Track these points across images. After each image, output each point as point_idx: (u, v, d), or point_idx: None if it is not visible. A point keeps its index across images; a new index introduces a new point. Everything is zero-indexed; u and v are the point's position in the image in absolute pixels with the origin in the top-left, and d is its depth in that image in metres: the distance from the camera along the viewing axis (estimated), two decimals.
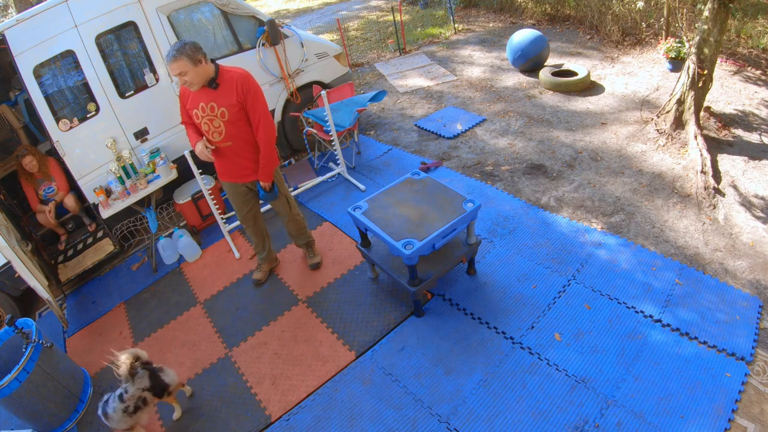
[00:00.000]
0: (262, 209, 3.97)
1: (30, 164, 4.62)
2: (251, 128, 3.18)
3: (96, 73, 4.11)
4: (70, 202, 4.78)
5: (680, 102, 4.72)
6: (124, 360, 2.72)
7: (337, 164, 5.09)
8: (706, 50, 4.50)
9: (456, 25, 8.92)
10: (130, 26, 4.22)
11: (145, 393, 2.77)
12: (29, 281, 3.55)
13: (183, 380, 3.19)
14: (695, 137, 4.43)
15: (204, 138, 3.21)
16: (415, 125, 5.86)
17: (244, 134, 3.19)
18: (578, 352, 2.95)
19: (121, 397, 2.72)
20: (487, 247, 3.85)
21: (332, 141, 4.87)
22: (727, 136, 4.69)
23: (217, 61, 3.13)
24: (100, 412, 2.74)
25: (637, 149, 4.70)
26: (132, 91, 4.33)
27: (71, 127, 4.11)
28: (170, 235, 4.59)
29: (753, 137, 4.61)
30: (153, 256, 4.53)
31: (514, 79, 6.57)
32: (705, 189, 4.00)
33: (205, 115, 3.09)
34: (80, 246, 4.83)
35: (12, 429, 3.33)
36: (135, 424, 2.80)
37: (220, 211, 4.38)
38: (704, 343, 2.89)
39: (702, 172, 4.11)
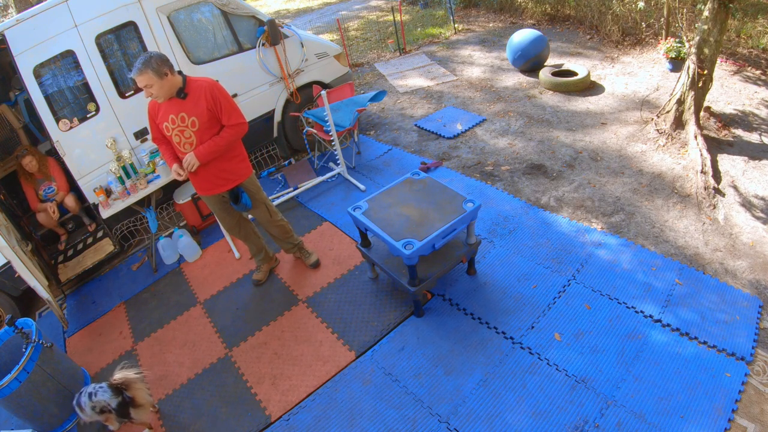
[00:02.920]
0: (249, 217, 3.96)
1: (29, 164, 4.62)
2: None
3: (96, 73, 4.11)
4: (70, 202, 4.78)
5: (680, 102, 4.72)
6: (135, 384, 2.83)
7: (337, 164, 5.09)
8: (706, 50, 4.50)
9: (456, 25, 8.92)
10: (130, 26, 4.22)
11: (108, 411, 2.82)
12: (29, 281, 3.55)
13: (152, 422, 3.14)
14: (695, 137, 4.43)
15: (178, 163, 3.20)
16: (415, 125, 5.86)
17: None
18: (578, 352, 2.95)
19: (90, 395, 2.81)
20: (487, 247, 3.85)
21: (332, 141, 4.87)
22: (727, 136, 4.69)
23: (213, 62, 3.11)
24: (74, 402, 2.84)
25: (637, 149, 4.70)
26: (132, 91, 4.33)
27: (71, 127, 4.11)
28: (170, 235, 4.59)
29: (753, 137, 4.61)
30: (153, 256, 4.53)
31: (514, 79, 6.57)
32: (705, 189, 4.00)
33: (176, 126, 3.05)
34: (80, 246, 4.83)
35: (12, 429, 3.33)
36: (105, 421, 2.87)
37: None
38: (704, 343, 2.89)
39: (702, 172, 4.11)
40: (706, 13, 4.44)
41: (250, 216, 3.90)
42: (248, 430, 2.96)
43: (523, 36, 6.40)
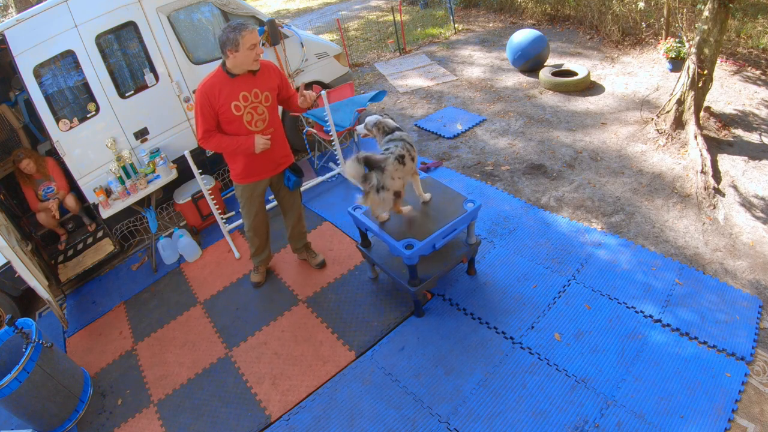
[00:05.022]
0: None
1: (27, 167, 4.59)
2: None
3: (96, 73, 4.11)
4: (70, 202, 4.78)
5: (680, 102, 4.72)
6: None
7: (337, 164, 5.09)
8: (706, 50, 4.50)
9: (456, 25, 8.92)
10: (130, 26, 4.22)
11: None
12: (29, 281, 3.55)
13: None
14: (695, 137, 4.43)
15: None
16: (415, 125, 5.86)
17: (278, 119, 3.30)
18: (578, 352, 2.95)
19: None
20: (487, 247, 3.85)
21: (332, 141, 4.87)
22: (727, 136, 4.69)
23: (214, 62, 3.15)
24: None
25: (637, 149, 4.70)
26: (132, 91, 4.33)
27: (71, 127, 4.11)
28: (170, 235, 4.59)
29: (753, 137, 4.61)
30: (153, 256, 4.53)
31: (514, 79, 6.57)
32: (705, 189, 4.00)
33: (248, 104, 3.03)
34: (80, 246, 4.83)
35: (12, 429, 3.33)
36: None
37: (220, 211, 4.38)
38: (704, 343, 2.89)
39: (702, 172, 4.11)
40: (706, 13, 4.44)
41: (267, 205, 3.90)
42: (248, 430, 2.96)
43: (523, 36, 6.40)
